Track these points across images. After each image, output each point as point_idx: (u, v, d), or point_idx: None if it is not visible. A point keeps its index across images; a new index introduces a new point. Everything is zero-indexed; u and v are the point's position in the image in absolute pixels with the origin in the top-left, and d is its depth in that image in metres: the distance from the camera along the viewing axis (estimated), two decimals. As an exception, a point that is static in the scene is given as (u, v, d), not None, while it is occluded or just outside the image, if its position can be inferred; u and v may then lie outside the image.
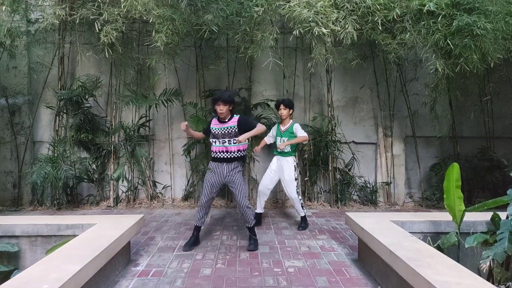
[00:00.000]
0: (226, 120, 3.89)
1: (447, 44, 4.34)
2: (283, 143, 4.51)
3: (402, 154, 6.23)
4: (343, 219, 5.01)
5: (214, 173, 3.91)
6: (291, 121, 4.66)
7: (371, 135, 6.40)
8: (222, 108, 3.80)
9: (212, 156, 3.95)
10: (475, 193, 6.03)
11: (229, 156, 3.86)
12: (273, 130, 4.81)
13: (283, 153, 4.61)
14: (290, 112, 4.64)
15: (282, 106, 4.57)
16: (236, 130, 3.85)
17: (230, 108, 3.87)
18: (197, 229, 4.03)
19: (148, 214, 5.40)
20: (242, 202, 3.87)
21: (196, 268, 3.36)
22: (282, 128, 4.64)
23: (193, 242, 3.98)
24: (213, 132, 3.92)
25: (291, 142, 4.50)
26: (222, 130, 3.87)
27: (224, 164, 3.88)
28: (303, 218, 4.67)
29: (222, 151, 3.87)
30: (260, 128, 3.91)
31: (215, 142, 3.91)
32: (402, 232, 3.07)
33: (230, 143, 3.85)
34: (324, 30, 4.09)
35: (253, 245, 3.91)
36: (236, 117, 3.93)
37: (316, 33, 4.10)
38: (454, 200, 3.08)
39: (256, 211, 4.73)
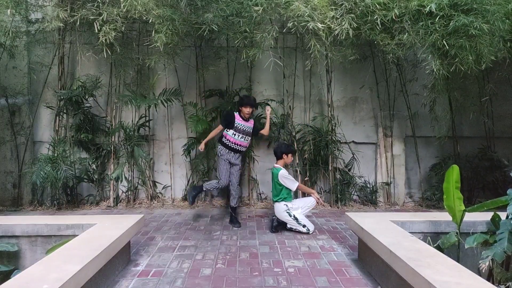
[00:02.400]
0: (248, 120, 4.79)
1: (443, 45, 4.34)
2: None
3: (402, 154, 6.22)
4: (343, 219, 5.01)
5: (227, 158, 4.73)
6: None
7: (371, 135, 6.40)
8: (249, 111, 4.72)
9: (227, 144, 4.71)
10: (475, 193, 6.03)
11: (239, 149, 4.76)
12: (288, 176, 4.68)
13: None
14: None
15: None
16: (251, 131, 4.84)
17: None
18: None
19: (148, 214, 5.40)
20: (237, 183, 4.88)
21: (196, 268, 3.36)
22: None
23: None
24: (238, 126, 4.70)
25: None
26: (244, 127, 4.74)
27: (232, 153, 4.75)
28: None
29: (238, 144, 4.72)
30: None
31: (235, 135, 4.69)
32: (402, 232, 3.07)
33: (247, 140, 4.79)
34: (319, 25, 4.08)
35: (237, 223, 4.82)
36: (252, 121, 4.89)
37: (311, 27, 4.09)
38: (454, 201, 3.08)
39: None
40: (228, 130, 4.73)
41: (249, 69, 6.14)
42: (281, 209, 4.47)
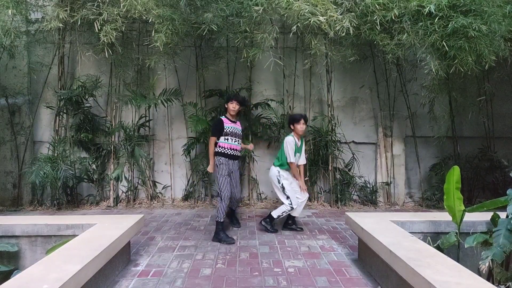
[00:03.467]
0: (235, 121, 4.47)
1: (442, 46, 4.34)
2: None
3: (402, 154, 6.23)
4: (343, 219, 5.01)
5: (228, 165, 4.36)
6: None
7: (371, 135, 6.40)
8: (234, 106, 4.36)
9: (224, 152, 4.34)
10: (475, 193, 6.03)
11: (236, 154, 4.44)
12: (292, 147, 4.44)
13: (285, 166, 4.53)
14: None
15: (303, 121, 4.47)
16: (241, 133, 4.56)
17: (239, 110, 4.49)
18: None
19: (148, 214, 5.40)
20: (239, 187, 4.63)
21: (196, 268, 3.36)
22: (299, 143, 4.56)
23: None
24: (228, 130, 4.35)
25: None
26: (235, 130, 4.41)
27: (231, 161, 4.40)
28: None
29: (232, 149, 4.37)
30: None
31: (227, 139, 4.35)
32: (402, 232, 3.07)
33: (239, 143, 4.46)
34: (321, 18, 4.07)
35: (237, 224, 4.79)
36: (239, 123, 4.56)
37: (312, 22, 4.08)
38: (454, 201, 3.09)
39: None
40: (219, 138, 4.42)
41: (249, 69, 6.14)
42: (273, 173, 4.51)
